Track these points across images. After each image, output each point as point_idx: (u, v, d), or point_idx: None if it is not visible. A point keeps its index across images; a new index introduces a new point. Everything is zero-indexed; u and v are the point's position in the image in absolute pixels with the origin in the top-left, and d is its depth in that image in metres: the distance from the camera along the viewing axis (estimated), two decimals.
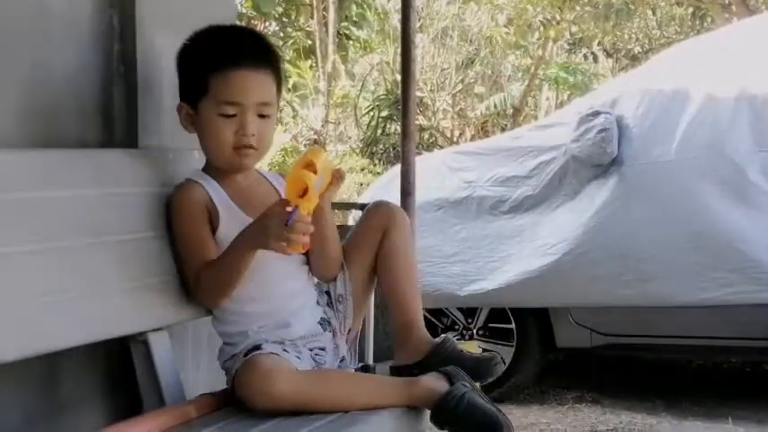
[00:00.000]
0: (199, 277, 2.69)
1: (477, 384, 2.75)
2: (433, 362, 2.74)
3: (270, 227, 2.52)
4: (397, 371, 2.82)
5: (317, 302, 2.83)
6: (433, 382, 2.61)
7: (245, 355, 2.62)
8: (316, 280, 2.87)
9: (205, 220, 2.72)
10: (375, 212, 2.88)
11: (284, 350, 2.63)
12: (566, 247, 5.34)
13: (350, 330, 2.84)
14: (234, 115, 2.68)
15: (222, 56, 2.70)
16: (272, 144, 2.81)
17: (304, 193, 2.50)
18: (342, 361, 2.83)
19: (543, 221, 5.53)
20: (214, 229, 2.72)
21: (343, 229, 2.99)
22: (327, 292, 2.86)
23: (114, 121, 2.99)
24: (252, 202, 2.75)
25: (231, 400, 2.65)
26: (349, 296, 2.82)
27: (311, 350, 2.72)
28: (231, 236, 2.67)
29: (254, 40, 2.82)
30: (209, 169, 2.80)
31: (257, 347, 2.63)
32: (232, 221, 2.70)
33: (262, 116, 2.72)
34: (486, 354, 2.83)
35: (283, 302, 2.75)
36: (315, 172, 2.51)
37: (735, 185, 5.06)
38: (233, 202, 2.74)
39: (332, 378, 2.65)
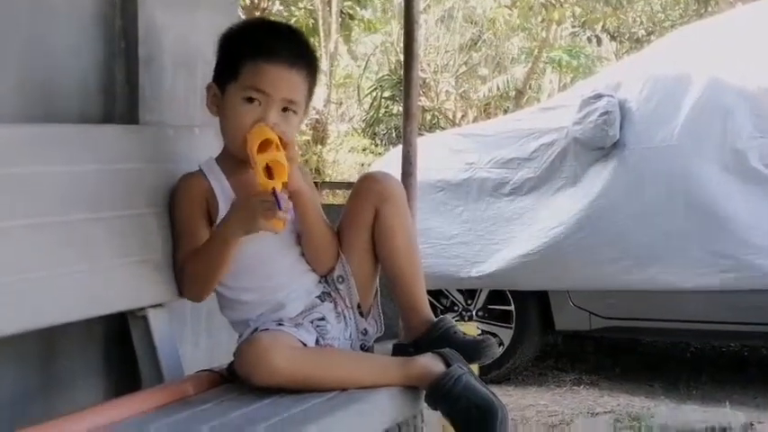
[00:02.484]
0: (183, 268, 2.71)
1: (476, 367, 2.75)
2: (426, 341, 2.75)
3: (256, 209, 2.53)
4: (398, 349, 2.82)
5: (318, 282, 2.81)
6: (429, 363, 2.61)
7: None
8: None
9: (201, 212, 2.73)
10: (364, 189, 2.80)
11: (280, 324, 2.63)
12: (566, 230, 5.34)
13: (359, 305, 2.83)
14: (258, 103, 2.66)
15: (258, 46, 2.69)
16: (293, 143, 2.76)
17: (271, 174, 2.53)
18: (365, 334, 2.83)
19: (544, 204, 5.53)
20: (212, 222, 2.73)
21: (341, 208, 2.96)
22: (326, 276, 2.84)
23: (115, 96, 2.99)
24: None
25: (230, 378, 2.66)
26: (350, 276, 2.80)
27: (311, 322, 2.71)
28: None
29: (295, 39, 2.80)
30: (223, 158, 2.79)
31: (255, 330, 2.64)
32: None
33: (285, 112, 2.70)
34: (479, 336, 2.82)
35: (275, 293, 2.74)
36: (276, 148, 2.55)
37: (736, 171, 5.05)
38: (236, 197, 2.73)
39: (329, 355, 2.64)
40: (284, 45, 2.72)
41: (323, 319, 2.73)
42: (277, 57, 2.68)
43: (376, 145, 14.94)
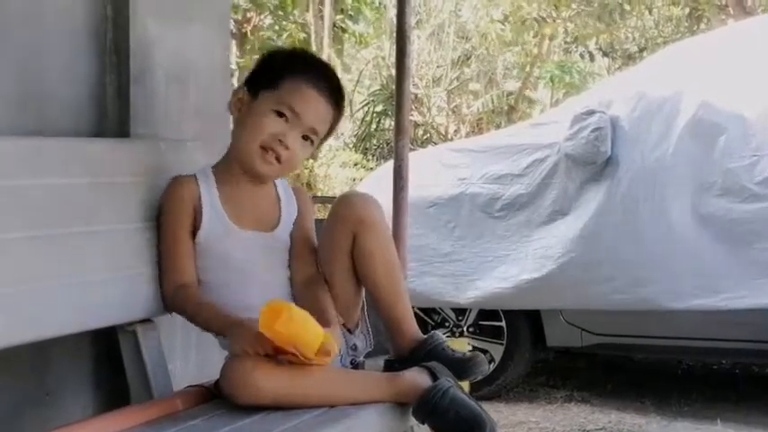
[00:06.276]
0: (175, 292, 2.71)
1: (466, 382, 2.74)
2: (416, 358, 2.74)
3: (239, 341, 2.51)
4: (388, 365, 2.82)
5: None
6: (416, 377, 2.60)
7: None
8: None
9: (187, 218, 2.73)
10: (341, 214, 2.78)
11: None
12: (560, 250, 5.32)
13: (345, 324, 2.81)
14: (285, 120, 2.70)
15: (307, 68, 2.76)
16: (295, 170, 2.80)
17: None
18: (355, 350, 2.82)
19: (536, 221, 5.51)
20: (196, 229, 2.73)
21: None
22: None
23: (106, 110, 2.98)
24: (245, 213, 2.77)
25: (219, 394, 2.65)
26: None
27: None
28: (211, 240, 2.71)
29: (338, 79, 2.86)
30: (220, 167, 2.80)
31: None
32: (215, 226, 2.73)
33: (305, 140, 2.75)
34: (469, 353, 2.80)
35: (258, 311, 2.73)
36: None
37: (729, 191, 5.05)
38: (223, 209, 2.75)
39: (314, 373, 2.59)
40: (329, 79, 2.80)
41: None
42: (320, 86, 2.75)
43: (367, 160, 14.92)
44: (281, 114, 2.70)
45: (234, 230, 2.74)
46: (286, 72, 2.74)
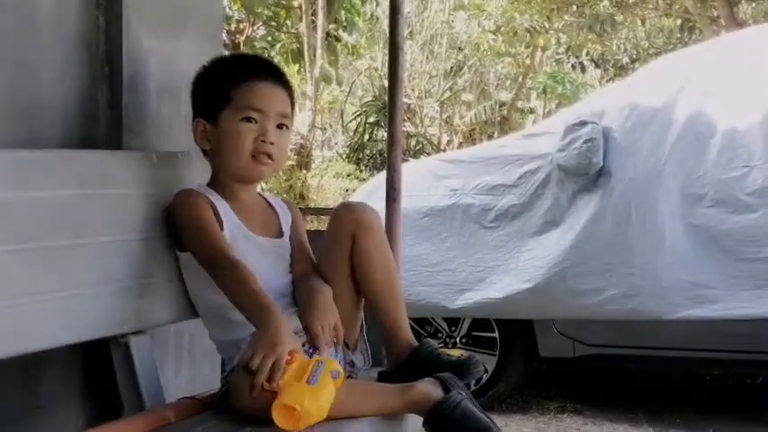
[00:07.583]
0: (219, 265, 2.64)
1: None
2: (411, 365, 2.74)
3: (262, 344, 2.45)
4: (383, 378, 2.81)
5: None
6: (428, 388, 2.59)
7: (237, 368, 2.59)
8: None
9: (214, 219, 2.71)
10: (339, 220, 2.83)
11: None
12: (552, 261, 5.32)
13: (345, 340, 2.80)
14: (255, 123, 2.75)
15: (245, 69, 2.82)
16: (286, 159, 2.82)
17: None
18: (352, 366, 2.83)
19: (528, 233, 5.51)
20: None
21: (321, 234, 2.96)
22: None
23: (98, 122, 2.98)
24: (254, 221, 2.82)
25: (212, 405, 2.64)
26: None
27: (303, 345, 2.66)
28: (233, 246, 2.69)
29: (272, 63, 2.97)
30: (214, 184, 2.83)
31: None
32: (234, 232, 2.75)
33: (280, 129, 2.80)
34: (463, 356, 2.80)
35: None
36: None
37: (720, 201, 5.06)
38: (236, 217, 2.77)
39: None
40: (266, 66, 2.89)
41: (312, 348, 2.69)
42: (264, 75, 2.81)
43: (360, 170, 14.91)
44: (249, 120, 2.75)
45: (251, 237, 2.79)
46: (230, 82, 2.78)
